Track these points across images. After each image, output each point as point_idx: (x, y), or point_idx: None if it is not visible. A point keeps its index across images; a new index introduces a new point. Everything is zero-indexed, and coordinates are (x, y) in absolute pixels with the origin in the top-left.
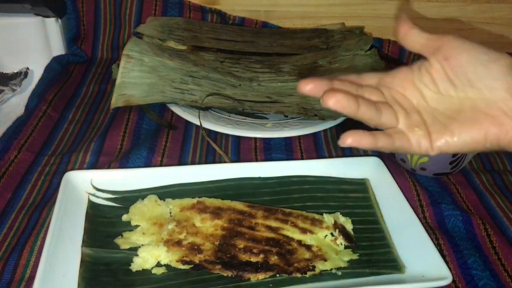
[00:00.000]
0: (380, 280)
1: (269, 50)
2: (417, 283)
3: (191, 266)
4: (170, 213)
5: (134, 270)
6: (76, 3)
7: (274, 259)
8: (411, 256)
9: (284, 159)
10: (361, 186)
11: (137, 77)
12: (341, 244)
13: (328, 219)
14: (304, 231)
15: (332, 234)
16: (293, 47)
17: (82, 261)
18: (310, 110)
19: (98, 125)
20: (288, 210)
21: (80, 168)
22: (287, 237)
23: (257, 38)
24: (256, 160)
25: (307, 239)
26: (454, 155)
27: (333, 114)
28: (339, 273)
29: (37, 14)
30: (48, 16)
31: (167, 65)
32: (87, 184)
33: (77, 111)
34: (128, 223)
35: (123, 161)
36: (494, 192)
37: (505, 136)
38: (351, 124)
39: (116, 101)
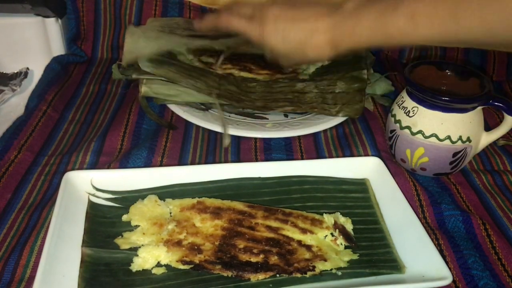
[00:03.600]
0: (380, 280)
1: None
2: (417, 283)
3: (191, 266)
4: (170, 213)
5: (134, 270)
6: (76, 3)
7: (274, 259)
8: (411, 256)
9: (284, 159)
10: (361, 186)
11: (143, 45)
12: (341, 244)
13: (328, 219)
14: (304, 231)
15: (332, 234)
16: None
17: (82, 261)
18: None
19: (98, 125)
20: (288, 210)
21: (80, 168)
22: (287, 237)
23: None
24: (256, 160)
25: (307, 239)
26: (454, 155)
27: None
28: (339, 273)
29: (37, 14)
30: (48, 16)
31: (170, 38)
32: (87, 184)
33: (77, 111)
34: (128, 223)
35: (123, 161)
36: (494, 192)
37: None
38: None
39: (127, 61)
